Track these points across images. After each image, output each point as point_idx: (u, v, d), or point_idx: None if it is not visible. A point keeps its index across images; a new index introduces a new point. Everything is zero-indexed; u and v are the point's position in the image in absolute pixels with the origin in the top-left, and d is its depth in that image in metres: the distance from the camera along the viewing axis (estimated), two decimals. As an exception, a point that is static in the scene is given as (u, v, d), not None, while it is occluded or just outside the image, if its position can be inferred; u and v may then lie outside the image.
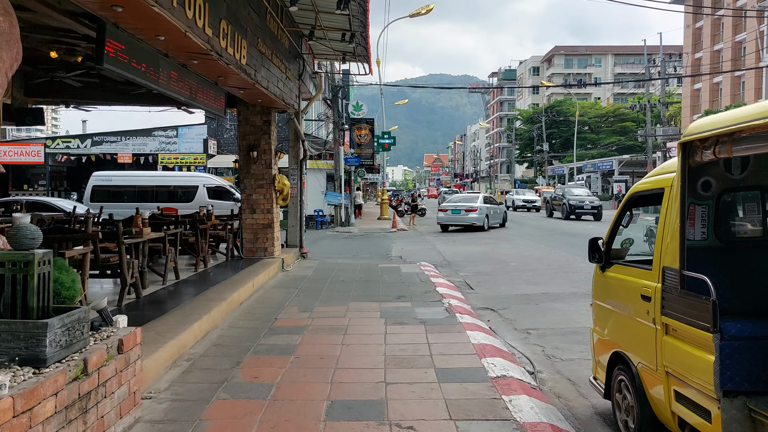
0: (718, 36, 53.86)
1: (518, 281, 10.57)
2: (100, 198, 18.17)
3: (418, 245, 17.82)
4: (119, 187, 19.05)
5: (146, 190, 18.84)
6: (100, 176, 19.41)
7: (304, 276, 10.61)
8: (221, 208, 17.51)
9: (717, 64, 53.96)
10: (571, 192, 31.53)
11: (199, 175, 20.56)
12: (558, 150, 71.55)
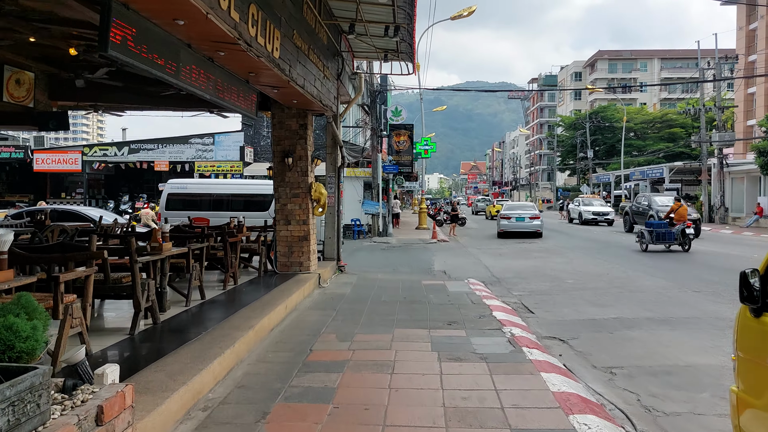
0: (774, 37, 51.22)
1: (580, 302, 9.39)
2: (175, 206, 17.72)
3: (462, 258, 16.72)
4: (194, 195, 18.57)
5: (221, 199, 18.38)
6: (175, 184, 18.92)
7: (342, 294, 9.65)
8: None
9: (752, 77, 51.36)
10: (657, 202, 25.12)
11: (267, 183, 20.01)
12: (602, 157, 69.30)
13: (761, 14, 52.37)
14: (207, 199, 18.35)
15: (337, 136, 12.20)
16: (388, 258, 16.62)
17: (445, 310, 8.22)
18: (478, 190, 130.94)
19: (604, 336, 7.07)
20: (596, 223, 33.24)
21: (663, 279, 11.93)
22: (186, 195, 18.37)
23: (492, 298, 9.31)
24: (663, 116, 69.63)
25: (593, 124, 66.37)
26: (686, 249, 17.62)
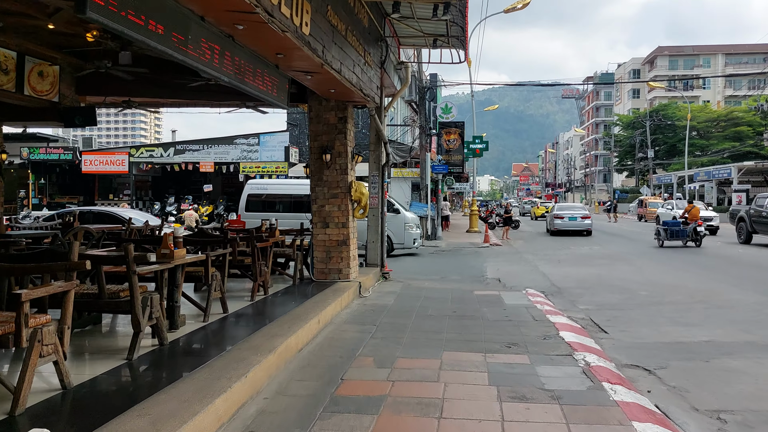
0: None
1: (661, 320, 8.08)
2: (255, 208, 17.19)
3: (517, 265, 15.45)
4: (273, 196, 17.97)
5: (301, 200, 17.15)
6: (254, 185, 18.39)
7: (384, 306, 8.62)
8: None
9: None
10: None
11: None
12: (662, 158, 66.15)
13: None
14: (287, 200, 17.61)
15: (380, 130, 11.20)
16: (436, 263, 15.53)
17: (503, 327, 7.08)
18: (530, 191, 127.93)
19: (699, 365, 5.80)
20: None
21: (753, 291, 10.42)
22: (265, 196, 17.76)
23: (556, 313, 8.10)
24: (728, 114, 65.92)
25: (653, 122, 63.33)
26: (698, 245, 19.74)
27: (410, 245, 17.33)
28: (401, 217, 17.32)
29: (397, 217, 17.22)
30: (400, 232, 17.19)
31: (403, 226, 17.22)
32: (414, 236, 17.32)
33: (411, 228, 17.30)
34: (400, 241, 17.20)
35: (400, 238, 17.20)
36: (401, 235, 17.20)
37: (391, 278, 11.78)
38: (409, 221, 17.41)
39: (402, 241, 17.20)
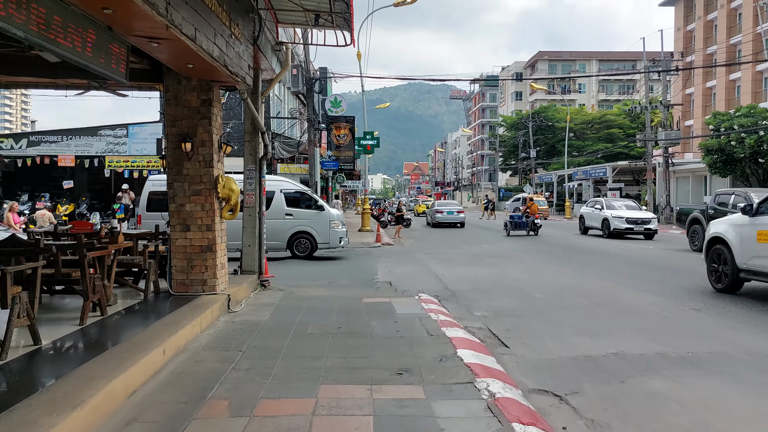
0: (711, 39, 51.84)
1: (564, 328, 7.40)
2: (159, 207, 14.64)
3: (409, 266, 14.61)
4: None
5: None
6: (156, 181, 15.80)
7: (256, 323, 7.30)
8: (302, 218, 15.64)
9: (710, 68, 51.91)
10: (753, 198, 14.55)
11: (276, 179, 17.35)
12: (542, 157, 69.05)
13: (698, 15, 52.95)
14: None
15: (256, 118, 9.83)
16: (325, 266, 14.34)
17: (394, 347, 6.02)
18: (421, 190, 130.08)
19: (615, 389, 5.03)
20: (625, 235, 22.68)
21: (650, 291, 10.14)
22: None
23: (452, 324, 7.17)
24: (602, 117, 70.13)
25: (535, 123, 65.95)
26: (535, 234, 24.28)
27: (336, 245, 16.10)
28: (325, 215, 16.05)
29: (321, 215, 15.97)
30: (325, 230, 15.91)
31: (328, 224, 15.95)
32: (340, 234, 16.10)
33: (337, 226, 16.06)
34: (325, 241, 15.93)
35: (324, 237, 15.92)
36: (326, 234, 15.92)
37: (271, 286, 10.45)
38: (335, 219, 16.15)
39: (327, 241, 15.93)
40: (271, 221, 15.46)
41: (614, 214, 22.88)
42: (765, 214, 9.04)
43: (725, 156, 28.36)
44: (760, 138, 26.31)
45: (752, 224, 9.16)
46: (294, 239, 15.82)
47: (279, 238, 15.73)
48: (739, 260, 9.34)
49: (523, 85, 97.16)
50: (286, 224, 15.75)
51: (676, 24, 56.65)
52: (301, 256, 15.76)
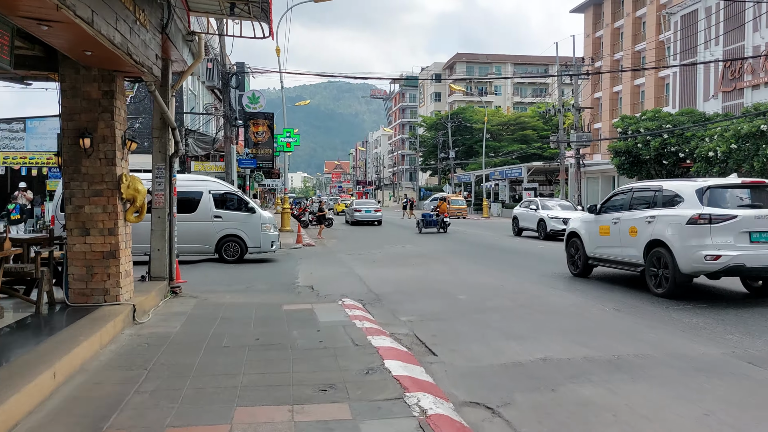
0: (617, 45, 54.54)
1: (489, 332, 7.26)
2: None
3: (332, 267, 14.22)
4: None
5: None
6: None
7: (166, 336, 6.69)
8: (231, 220, 14.80)
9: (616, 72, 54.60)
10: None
11: (204, 178, 16.14)
12: (461, 158, 70.40)
13: (606, 23, 55.57)
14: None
15: (166, 112, 9.13)
16: (241, 270, 13.69)
17: (317, 359, 5.64)
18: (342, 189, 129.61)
19: (547, 398, 4.87)
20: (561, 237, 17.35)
21: (567, 291, 10.26)
22: None
23: (378, 332, 6.86)
24: (517, 119, 72.31)
25: (454, 124, 67.10)
26: (444, 231, 26.40)
27: (267, 248, 15.33)
28: (257, 217, 15.23)
29: (252, 218, 15.13)
30: (256, 233, 15.12)
31: (259, 227, 15.16)
32: (272, 238, 15.35)
33: (268, 229, 15.30)
34: (256, 245, 15.15)
35: (255, 241, 15.13)
36: (257, 238, 15.13)
37: (183, 293, 9.77)
38: (266, 221, 15.37)
39: (258, 244, 15.16)
40: (199, 224, 14.67)
41: (551, 215, 22.19)
42: (604, 213, 11.48)
43: (632, 158, 29.76)
44: (664, 141, 27.77)
45: (596, 221, 11.60)
46: (223, 243, 15.03)
47: (207, 242, 14.95)
48: (588, 250, 11.74)
49: (442, 86, 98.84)
50: (215, 227, 14.94)
51: (585, 30, 59.23)
52: (230, 260, 15.01)
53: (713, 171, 25.74)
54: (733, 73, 33.55)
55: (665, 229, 9.52)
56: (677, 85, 38.44)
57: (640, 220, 10.14)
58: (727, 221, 8.89)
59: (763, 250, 8.77)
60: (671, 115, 29.63)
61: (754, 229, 8.85)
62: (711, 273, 9.07)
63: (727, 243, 8.85)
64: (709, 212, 8.99)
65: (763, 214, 8.91)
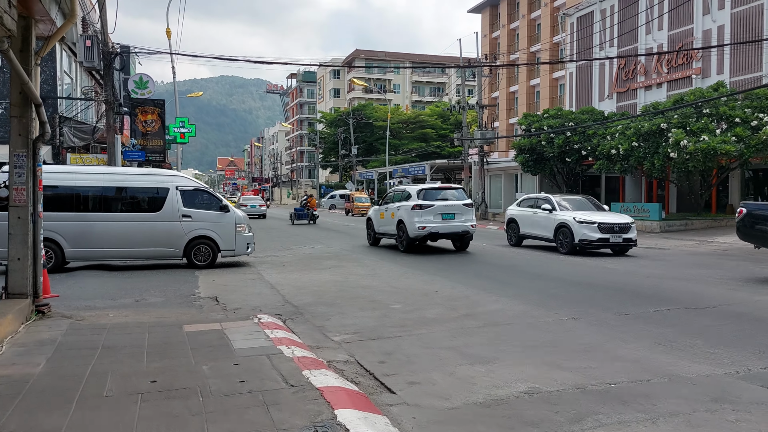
0: (513, 46, 55.85)
1: (445, 353, 6.05)
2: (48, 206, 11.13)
3: (236, 273, 12.50)
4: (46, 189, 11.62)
5: (95, 196, 12.75)
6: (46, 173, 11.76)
7: (23, 379, 4.87)
8: (202, 220, 13.11)
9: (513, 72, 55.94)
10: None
11: (168, 173, 14.42)
12: (362, 155, 69.55)
13: (503, 23, 56.76)
14: (69, 195, 12.69)
15: (27, 84, 7.15)
16: (129, 279, 11.64)
17: (242, 413, 4.13)
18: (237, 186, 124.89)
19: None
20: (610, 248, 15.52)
21: (506, 296, 9.30)
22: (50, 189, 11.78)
23: (315, 363, 5.43)
24: (416, 117, 72.53)
25: (356, 120, 66.07)
26: (313, 222, 30.85)
27: (242, 251, 13.44)
28: (231, 216, 13.28)
29: (226, 217, 13.20)
30: (229, 235, 13.20)
31: (234, 227, 13.25)
32: (247, 240, 13.45)
33: (243, 230, 13.41)
34: (229, 247, 13.23)
35: (228, 243, 13.20)
36: (230, 240, 13.21)
37: (53, 312, 7.80)
38: (241, 221, 13.43)
39: (231, 247, 13.25)
40: (164, 224, 12.79)
41: (579, 218, 15.53)
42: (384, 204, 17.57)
43: (536, 155, 30.01)
44: (567, 138, 28.14)
45: (377, 210, 18.17)
46: (192, 245, 13.03)
47: (173, 245, 12.92)
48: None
49: (341, 82, 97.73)
50: (183, 228, 12.93)
51: (483, 31, 60.29)
52: (200, 265, 13.04)
53: (615, 168, 26.37)
54: (627, 74, 34.91)
55: (403, 213, 15.97)
56: (574, 86, 39.62)
57: (394, 208, 16.58)
58: (429, 207, 15.58)
59: (447, 223, 15.65)
60: (573, 113, 30.18)
61: (443, 212, 15.69)
62: (423, 237, 15.75)
63: (429, 219, 15.52)
64: (420, 203, 15.64)
65: (447, 204, 15.82)
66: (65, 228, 12.37)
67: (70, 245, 12.45)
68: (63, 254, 12.47)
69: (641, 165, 24.62)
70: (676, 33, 32.28)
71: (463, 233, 15.80)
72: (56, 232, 12.29)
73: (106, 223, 12.62)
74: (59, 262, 12.46)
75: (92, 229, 12.52)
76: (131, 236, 12.69)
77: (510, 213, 18.67)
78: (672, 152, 22.37)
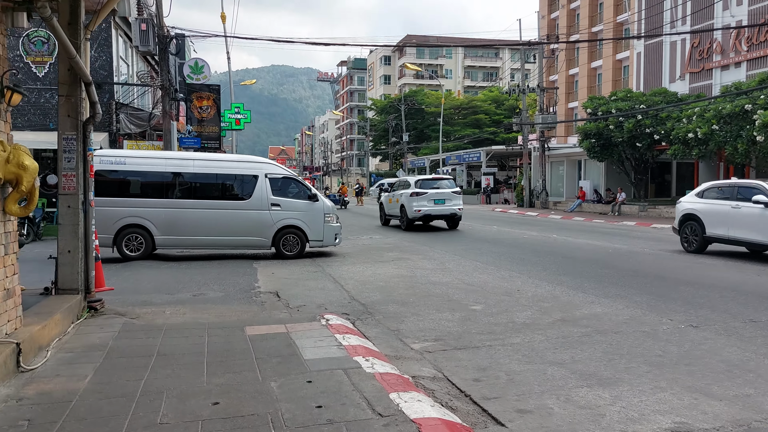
0: (573, 27, 53.49)
1: (554, 369, 5.08)
2: (107, 191, 11.73)
3: (295, 266, 11.76)
4: (135, 174, 12.29)
5: (185, 183, 12.45)
6: (105, 157, 12.08)
7: (65, 399, 4.17)
8: (291, 209, 12.57)
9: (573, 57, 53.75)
10: None
11: (258, 159, 13.76)
12: (412, 142, 68.41)
13: (562, 4, 54.43)
14: (157, 183, 12.35)
15: (75, 57, 6.49)
16: (186, 271, 11.07)
17: (322, 451, 3.29)
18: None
19: None
20: None
21: (599, 295, 8.21)
22: (123, 175, 12.18)
23: (401, 381, 4.56)
24: (469, 103, 70.82)
25: (407, 106, 64.91)
26: (344, 208, 34.35)
27: (330, 242, 12.98)
28: (319, 206, 12.82)
29: (314, 206, 12.75)
30: (318, 225, 12.74)
31: (322, 217, 12.79)
32: (335, 230, 12.99)
33: (332, 220, 12.95)
34: (318, 237, 12.77)
35: (317, 233, 12.74)
36: (319, 230, 12.73)
37: (107, 308, 7.21)
38: (330, 211, 12.98)
39: (320, 237, 12.78)
40: (254, 213, 12.34)
41: None
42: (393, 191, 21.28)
43: (603, 140, 28.32)
44: (638, 122, 26.38)
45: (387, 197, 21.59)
46: (281, 235, 12.57)
47: (263, 234, 12.48)
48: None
49: (392, 68, 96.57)
50: (272, 217, 12.49)
51: (540, 11, 57.91)
52: (289, 255, 12.57)
53: (691, 154, 24.54)
54: (701, 53, 32.61)
55: (404, 199, 19.08)
56: (642, 66, 37.42)
57: (398, 195, 19.83)
58: (424, 194, 18.58)
59: (439, 207, 18.67)
60: (644, 95, 28.29)
61: (435, 198, 18.67)
62: (419, 218, 18.80)
63: (424, 204, 18.52)
64: (417, 191, 18.65)
65: (439, 191, 18.80)
66: (156, 215, 12.08)
67: (160, 232, 12.15)
68: (153, 242, 12.19)
69: (722, 150, 22.75)
70: (758, 7, 29.81)
71: (452, 215, 19.12)
72: (147, 219, 12.06)
73: (196, 211, 12.23)
74: (149, 249, 12.22)
75: (182, 216, 12.17)
76: (220, 225, 12.28)
77: (688, 206, 13.41)
78: (759, 135, 20.49)
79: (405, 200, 18.90)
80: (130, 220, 12.05)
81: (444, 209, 18.74)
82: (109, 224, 11.81)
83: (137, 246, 12.13)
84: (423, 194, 18.49)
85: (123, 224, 12.04)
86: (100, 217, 11.75)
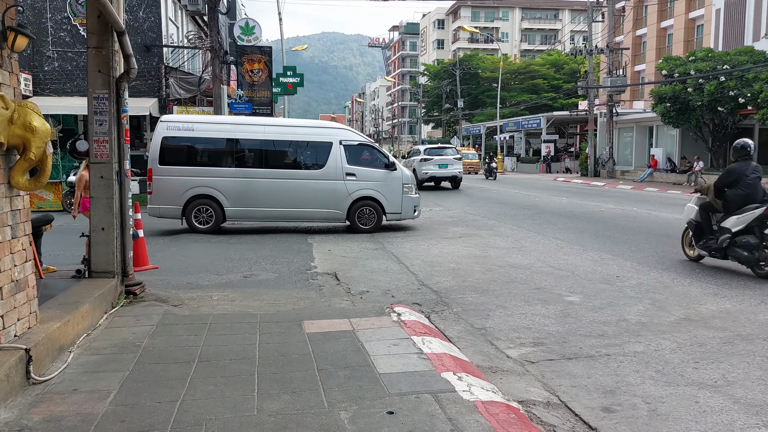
0: (642, -14, 49.92)
1: (701, 393, 3.88)
2: (176, 160, 11.31)
3: (353, 242, 10.73)
4: (204, 141, 11.64)
5: (255, 150, 11.74)
6: (173, 123, 11.55)
7: (86, 413, 3.24)
8: (367, 179, 11.64)
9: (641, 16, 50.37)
10: None
11: (332, 124, 12.95)
12: (466, 108, 66.15)
13: (634, -41, 50.80)
14: (225, 150, 11.59)
15: (106, 5, 5.47)
16: (235, 248, 10.19)
17: None
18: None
19: None
20: None
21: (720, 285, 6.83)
22: (190, 142, 11.58)
23: (506, 410, 3.44)
24: (526, 67, 67.82)
25: (462, 71, 62.61)
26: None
27: (409, 215, 12.08)
28: (398, 176, 11.86)
29: (392, 176, 11.81)
30: (396, 196, 11.79)
31: (401, 187, 11.82)
32: (414, 202, 12.03)
33: (410, 191, 11.98)
34: (395, 210, 11.85)
35: (395, 206, 11.81)
36: (397, 202, 11.79)
37: (147, 294, 6.33)
38: (408, 181, 12.02)
39: (398, 210, 11.85)
40: (327, 183, 11.44)
41: None
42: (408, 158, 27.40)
43: (679, 104, 26.05)
44: (720, 84, 24.03)
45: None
46: (355, 207, 11.67)
47: (337, 206, 11.62)
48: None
49: (445, 33, 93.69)
50: (348, 187, 11.59)
51: (606, -31, 54.32)
52: (364, 229, 11.68)
53: (784, 118, 22.16)
54: (793, 7, 29.50)
55: (416, 164, 23.07)
56: (721, 24, 34.36)
57: (412, 161, 24.00)
58: (430, 160, 22.94)
59: (442, 170, 23.04)
60: (728, 55, 25.75)
61: (440, 163, 23.00)
62: (427, 179, 22.98)
63: (431, 167, 22.85)
64: (425, 157, 23.08)
65: (443, 158, 23.19)
66: (225, 184, 11.31)
67: (230, 204, 11.38)
68: (224, 213, 11.43)
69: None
70: None
71: (453, 176, 23.45)
72: (217, 189, 11.30)
73: (267, 180, 11.40)
74: (219, 222, 11.49)
75: (252, 187, 11.36)
76: (292, 195, 11.41)
77: None
78: None
79: (417, 165, 23.04)
80: (199, 191, 11.29)
81: (447, 172, 23.16)
82: (177, 195, 11.15)
83: (206, 218, 11.38)
84: (430, 160, 22.92)
85: (192, 194, 11.28)
86: (168, 188, 11.11)
